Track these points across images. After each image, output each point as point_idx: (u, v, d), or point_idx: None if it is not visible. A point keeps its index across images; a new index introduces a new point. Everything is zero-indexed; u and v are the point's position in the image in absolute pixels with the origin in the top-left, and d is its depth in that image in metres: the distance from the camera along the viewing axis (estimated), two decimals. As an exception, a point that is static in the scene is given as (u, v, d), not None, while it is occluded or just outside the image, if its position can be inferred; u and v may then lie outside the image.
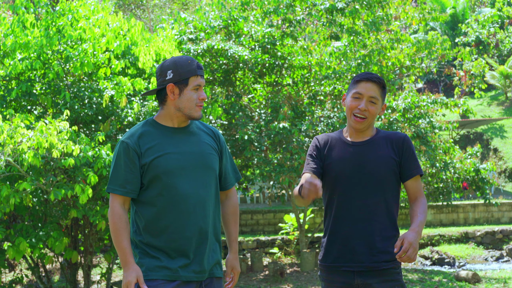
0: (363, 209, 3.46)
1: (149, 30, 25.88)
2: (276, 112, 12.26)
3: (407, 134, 11.92)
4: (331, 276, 3.54)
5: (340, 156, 3.54)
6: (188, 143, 3.38)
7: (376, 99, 3.51)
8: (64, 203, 8.69)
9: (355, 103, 3.51)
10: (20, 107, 9.02)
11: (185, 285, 3.27)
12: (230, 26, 12.62)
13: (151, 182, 3.29)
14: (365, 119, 3.50)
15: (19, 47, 8.26)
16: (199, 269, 3.31)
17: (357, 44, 13.35)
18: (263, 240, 17.34)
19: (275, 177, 11.81)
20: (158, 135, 3.34)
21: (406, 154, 3.52)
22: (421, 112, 12.64)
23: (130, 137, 3.32)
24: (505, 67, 34.04)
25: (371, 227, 3.45)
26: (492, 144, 29.18)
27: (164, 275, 3.25)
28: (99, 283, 11.67)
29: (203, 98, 3.33)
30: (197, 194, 3.32)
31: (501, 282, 11.98)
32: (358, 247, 3.45)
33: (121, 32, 8.86)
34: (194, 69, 3.30)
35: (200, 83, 3.33)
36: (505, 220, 20.76)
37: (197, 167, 3.36)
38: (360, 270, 3.45)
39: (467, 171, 14.71)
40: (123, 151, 3.29)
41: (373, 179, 3.46)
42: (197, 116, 3.35)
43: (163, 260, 3.26)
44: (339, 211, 3.52)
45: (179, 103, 3.34)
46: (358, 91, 3.52)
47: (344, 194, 3.50)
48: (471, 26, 37.71)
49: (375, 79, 3.53)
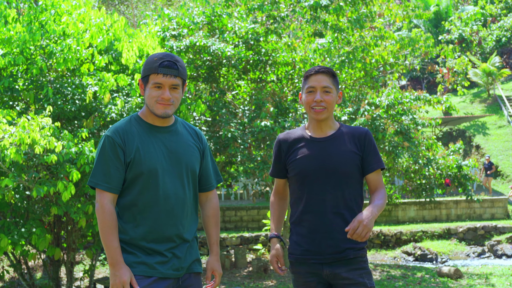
0: (327, 203, 3.55)
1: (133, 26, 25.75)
2: (260, 109, 12.26)
3: (390, 130, 12.04)
4: (300, 268, 3.64)
5: (303, 153, 3.63)
6: (171, 142, 3.37)
7: (330, 88, 3.60)
8: (46, 200, 8.64)
9: (310, 97, 3.61)
10: (2, 103, 8.94)
11: (162, 281, 3.26)
12: (213, 22, 12.60)
13: (133, 180, 3.27)
14: (324, 109, 3.59)
15: (1, 42, 8.19)
16: (177, 266, 3.31)
17: (341, 41, 13.38)
18: (247, 236, 17.37)
19: (259, 173, 11.82)
20: (142, 133, 3.32)
21: (368, 149, 3.61)
22: (404, 108, 12.71)
23: (115, 132, 3.29)
24: (488, 65, 34.29)
25: (336, 220, 3.54)
26: (474, 141, 29.40)
27: (141, 271, 3.23)
28: (82, 279, 11.61)
29: (164, 98, 3.26)
30: (177, 193, 3.31)
31: (483, 278, 12.08)
32: (324, 240, 3.55)
33: (104, 27, 8.81)
34: (155, 67, 3.25)
35: (162, 81, 3.25)
36: (487, 216, 20.94)
37: (178, 167, 3.35)
38: (328, 261, 3.55)
39: (450, 167, 14.82)
40: (108, 146, 3.26)
41: (336, 174, 3.55)
42: (159, 113, 3.29)
43: (140, 256, 3.25)
44: (304, 206, 3.61)
45: (145, 100, 3.35)
46: (310, 85, 3.62)
47: (309, 190, 3.59)
48: (454, 24, 37.96)
49: (324, 70, 3.62)
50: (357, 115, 12.27)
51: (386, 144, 12.36)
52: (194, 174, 3.43)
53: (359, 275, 3.55)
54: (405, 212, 20.84)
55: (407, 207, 20.87)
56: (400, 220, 20.66)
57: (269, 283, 11.95)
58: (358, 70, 13.75)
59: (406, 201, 20.85)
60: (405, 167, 14.98)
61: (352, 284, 3.53)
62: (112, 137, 3.27)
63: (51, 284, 9.70)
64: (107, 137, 3.29)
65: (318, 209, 3.56)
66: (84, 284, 11.59)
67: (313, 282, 3.61)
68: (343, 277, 3.54)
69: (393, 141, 12.35)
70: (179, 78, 3.31)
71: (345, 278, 3.54)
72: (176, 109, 3.41)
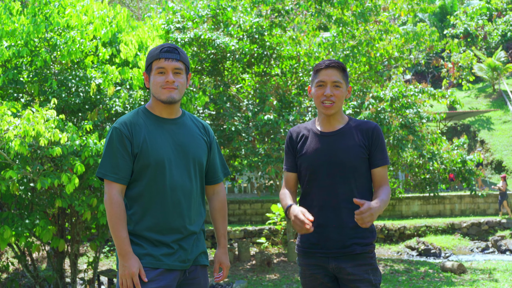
0: (335, 197, 3.56)
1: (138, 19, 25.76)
2: (264, 102, 12.25)
3: (395, 123, 12.02)
4: (307, 260, 3.66)
5: (312, 147, 3.65)
6: (178, 134, 3.38)
7: (340, 83, 3.60)
8: (51, 192, 8.66)
9: (320, 91, 3.61)
10: (6, 95, 8.95)
11: (168, 272, 3.26)
12: (218, 16, 12.58)
13: (141, 171, 3.28)
14: (334, 103, 3.59)
15: (6, 35, 8.20)
16: (183, 258, 3.31)
17: (346, 35, 13.36)
18: (251, 230, 17.38)
19: (263, 167, 11.83)
20: (150, 125, 3.34)
21: (375, 144, 3.61)
22: (408, 101, 12.69)
23: (123, 124, 3.31)
24: (493, 60, 34.18)
25: (344, 215, 3.56)
26: (479, 136, 29.33)
27: (147, 262, 3.24)
28: (86, 271, 11.65)
29: (168, 81, 3.30)
30: (184, 185, 3.32)
31: (486, 273, 12.08)
32: (332, 234, 3.56)
33: (107, 19, 8.81)
34: (157, 53, 3.31)
35: (165, 65, 3.29)
36: (491, 211, 20.90)
37: (185, 159, 3.36)
38: (335, 255, 3.57)
39: (454, 162, 14.80)
40: (116, 137, 3.27)
41: (344, 168, 3.56)
42: (164, 98, 3.31)
43: (146, 248, 3.26)
44: (313, 199, 3.63)
45: (151, 90, 3.37)
46: (320, 79, 3.61)
47: (317, 184, 3.60)
48: (460, 18, 37.84)
49: (334, 64, 3.61)
50: (362, 108, 12.26)
51: (390, 138, 12.34)
52: (201, 166, 3.44)
53: (365, 271, 3.56)
54: (409, 207, 20.83)
55: (411, 202, 20.85)
56: (404, 215, 20.65)
57: (272, 277, 11.97)
58: (363, 64, 13.73)
59: (410, 196, 20.83)
60: (409, 161, 14.96)
61: (356, 280, 3.54)
62: (119, 128, 3.29)
63: (55, 275, 9.73)
64: (114, 129, 3.30)
65: (325, 203, 3.57)
66: (88, 276, 11.62)
67: (319, 275, 3.62)
68: (349, 272, 3.54)
69: (397, 135, 12.33)
70: (181, 63, 3.34)
71: (350, 274, 3.54)
72: (182, 95, 3.41)
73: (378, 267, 3.65)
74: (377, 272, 3.62)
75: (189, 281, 3.37)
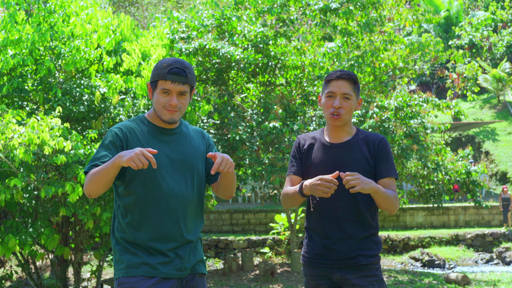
0: (340, 209, 3.55)
1: (143, 28, 25.84)
2: (268, 112, 12.26)
3: (399, 133, 12.02)
4: (312, 271, 3.65)
5: (318, 158, 3.64)
6: (175, 144, 3.39)
7: (350, 95, 3.59)
8: (55, 200, 8.67)
9: (329, 102, 3.60)
10: (11, 103, 8.98)
11: (165, 281, 3.25)
12: (223, 25, 12.62)
13: (134, 178, 3.29)
14: (342, 115, 3.58)
15: (11, 43, 8.24)
16: (180, 266, 3.31)
17: (351, 45, 13.37)
18: (254, 239, 17.35)
19: (267, 176, 11.82)
20: (147, 133, 3.35)
21: (381, 156, 3.58)
22: (412, 111, 12.68)
23: (119, 127, 3.34)
24: (498, 71, 34.16)
25: (349, 227, 3.55)
26: (483, 147, 29.28)
27: (143, 272, 3.23)
28: (89, 280, 11.65)
29: (171, 105, 3.29)
30: (180, 193, 3.32)
31: (491, 285, 12.02)
32: (336, 246, 3.55)
33: (111, 27, 8.85)
34: (164, 73, 3.28)
35: (170, 88, 3.28)
36: (495, 223, 20.83)
37: (182, 168, 3.36)
38: (339, 266, 3.56)
39: (458, 173, 14.77)
40: (109, 137, 3.29)
41: None
42: (166, 119, 3.33)
43: (142, 256, 3.25)
44: (318, 211, 3.62)
45: (153, 105, 3.38)
46: (330, 90, 3.60)
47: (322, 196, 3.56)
48: (465, 29, 37.86)
49: (346, 76, 3.60)
50: (366, 117, 12.26)
51: (395, 148, 12.33)
52: (199, 175, 3.44)
53: (369, 282, 3.54)
54: (413, 218, 20.77)
55: (415, 213, 20.80)
56: (408, 226, 20.59)
57: (275, 287, 11.94)
58: (367, 74, 13.73)
59: (414, 206, 20.78)
60: (413, 172, 14.94)
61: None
62: (115, 130, 3.32)
63: (58, 284, 9.72)
64: (110, 131, 3.34)
65: (331, 215, 3.56)
66: (91, 285, 11.61)
67: (324, 285, 3.62)
68: (353, 284, 3.53)
69: (402, 144, 12.32)
70: (187, 85, 3.33)
71: (355, 285, 3.53)
72: (182, 115, 3.42)
73: (383, 278, 3.64)
74: (382, 283, 3.60)
75: None
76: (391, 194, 3.49)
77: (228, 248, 17.21)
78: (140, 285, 3.22)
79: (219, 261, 16.22)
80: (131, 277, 3.25)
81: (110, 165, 3.06)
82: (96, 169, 3.14)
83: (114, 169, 3.07)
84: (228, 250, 17.14)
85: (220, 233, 19.18)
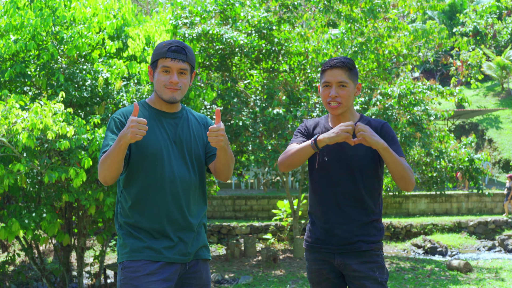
0: (343, 195, 3.57)
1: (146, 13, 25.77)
2: (272, 98, 12.24)
3: (403, 120, 11.99)
4: (314, 255, 3.69)
5: None
6: (176, 128, 3.40)
7: (346, 82, 3.59)
8: (58, 185, 8.68)
9: (326, 92, 3.61)
10: (15, 88, 8.98)
11: (169, 266, 3.27)
12: (226, 11, 12.56)
13: (138, 163, 3.29)
14: (340, 104, 3.58)
15: (13, 28, 8.21)
16: (184, 251, 3.32)
17: (355, 31, 13.31)
18: (257, 226, 17.38)
19: (270, 163, 11.82)
20: (149, 117, 3.35)
21: (386, 139, 3.54)
22: (416, 99, 12.65)
23: (121, 114, 3.35)
24: (502, 58, 34.03)
25: (350, 212, 3.56)
26: (487, 135, 29.23)
27: (147, 256, 3.24)
28: (92, 265, 11.69)
29: (172, 82, 3.30)
30: (182, 177, 3.33)
31: (493, 272, 12.04)
32: (338, 231, 3.57)
33: (112, 11, 8.82)
34: (164, 51, 3.30)
35: (170, 65, 3.29)
36: (498, 210, 20.83)
37: (183, 152, 3.38)
38: (340, 251, 3.57)
39: (461, 161, 14.75)
40: (113, 125, 3.31)
41: (351, 167, 3.56)
42: (167, 98, 3.33)
43: (146, 241, 3.26)
44: (321, 196, 3.64)
45: (154, 86, 3.39)
46: (326, 79, 3.61)
47: (325, 181, 3.61)
48: (469, 16, 37.67)
49: (339, 64, 3.60)
50: (369, 105, 12.23)
51: (398, 135, 12.31)
52: (199, 160, 3.45)
53: (370, 269, 3.55)
54: (416, 205, 20.78)
55: (418, 200, 20.80)
56: (410, 213, 20.61)
57: (278, 273, 11.97)
58: (371, 61, 13.68)
59: (417, 194, 20.79)
60: (416, 159, 14.92)
61: (361, 277, 3.54)
62: (117, 117, 3.34)
63: (61, 268, 9.77)
64: (112, 118, 3.35)
65: (332, 200, 3.58)
66: (94, 270, 11.66)
67: (325, 270, 3.64)
68: (354, 269, 3.55)
69: (405, 132, 12.30)
70: (187, 63, 3.34)
71: (356, 270, 3.54)
72: (184, 95, 3.42)
73: (385, 265, 3.64)
74: (384, 270, 3.61)
75: (191, 275, 3.37)
76: (404, 161, 3.46)
77: (231, 234, 17.25)
78: (144, 269, 3.23)
79: (222, 247, 16.26)
80: (135, 261, 3.26)
81: (117, 147, 3.07)
82: (104, 155, 3.15)
83: (122, 150, 3.07)
84: (230, 236, 17.18)
85: (223, 219, 19.22)
